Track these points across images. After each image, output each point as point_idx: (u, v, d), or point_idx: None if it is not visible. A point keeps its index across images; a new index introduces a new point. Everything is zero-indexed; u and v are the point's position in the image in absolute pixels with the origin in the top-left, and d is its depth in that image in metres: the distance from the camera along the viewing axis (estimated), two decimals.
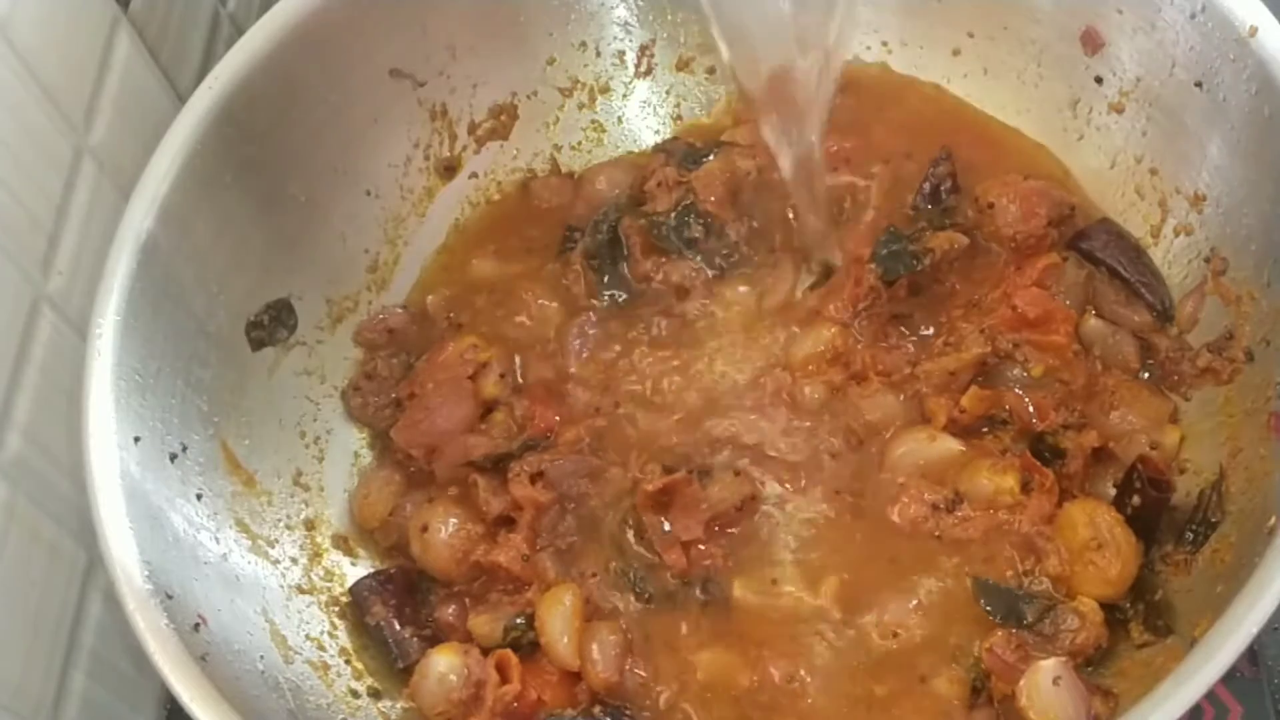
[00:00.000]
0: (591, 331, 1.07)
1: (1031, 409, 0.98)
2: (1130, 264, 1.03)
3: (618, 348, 1.06)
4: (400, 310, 1.12)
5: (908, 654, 0.92)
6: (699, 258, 1.08)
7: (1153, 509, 0.92)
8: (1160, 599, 0.91)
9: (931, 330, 1.03)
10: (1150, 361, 1.00)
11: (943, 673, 0.90)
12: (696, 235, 1.08)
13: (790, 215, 1.07)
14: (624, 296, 1.08)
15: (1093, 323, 1.01)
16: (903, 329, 1.03)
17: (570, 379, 1.05)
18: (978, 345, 0.99)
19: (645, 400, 1.04)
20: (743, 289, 1.07)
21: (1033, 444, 0.97)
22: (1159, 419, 0.98)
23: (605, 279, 1.09)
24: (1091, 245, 1.04)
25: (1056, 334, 1.00)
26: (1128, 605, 0.92)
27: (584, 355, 1.06)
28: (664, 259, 1.08)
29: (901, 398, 1.00)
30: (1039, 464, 0.95)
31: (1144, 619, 0.91)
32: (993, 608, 0.91)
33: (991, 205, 1.04)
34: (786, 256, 1.07)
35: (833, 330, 1.02)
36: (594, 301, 1.08)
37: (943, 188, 1.08)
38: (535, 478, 0.99)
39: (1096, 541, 0.91)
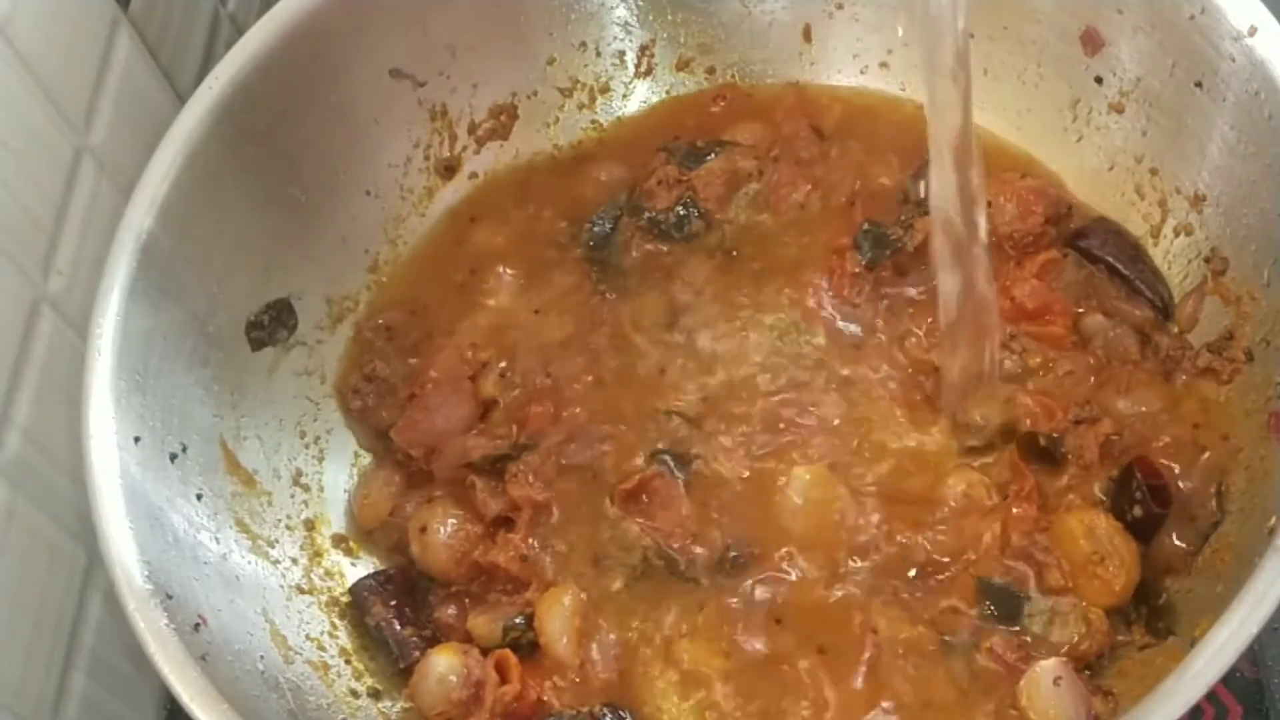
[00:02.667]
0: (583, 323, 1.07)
1: (1039, 409, 0.97)
2: (1129, 261, 1.02)
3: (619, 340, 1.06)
4: (400, 310, 1.12)
5: (908, 654, 0.91)
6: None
7: (1153, 523, 0.91)
8: (1162, 602, 0.91)
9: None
10: (1151, 358, 1.00)
11: (942, 670, 0.90)
12: (697, 233, 1.08)
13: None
14: (620, 292, 1.08)
15: (1093, 317, 1.01)
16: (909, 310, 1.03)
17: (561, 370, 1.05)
18: None
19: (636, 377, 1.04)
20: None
21: (1025, 444, 0.96)
22: (1173, 408, 0.97)
23: (603, 274, 1.09)
24: (1090, 243, 1.03)
25: (1054, 325, 1.00)
26: (1130, 610, 0.91)
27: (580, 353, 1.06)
28: (662, 254, 1.09)
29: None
30: (1023, 466, 0.94)
31: (1145, 621, 0.91)
32: (994, 608, 0.91)
33: (989, 204, 1.04)
34: None
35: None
36: (591, 298, 1.08)
37: None
38: (534, 476, 0.99)
39: (1099, 555, 0.90)
